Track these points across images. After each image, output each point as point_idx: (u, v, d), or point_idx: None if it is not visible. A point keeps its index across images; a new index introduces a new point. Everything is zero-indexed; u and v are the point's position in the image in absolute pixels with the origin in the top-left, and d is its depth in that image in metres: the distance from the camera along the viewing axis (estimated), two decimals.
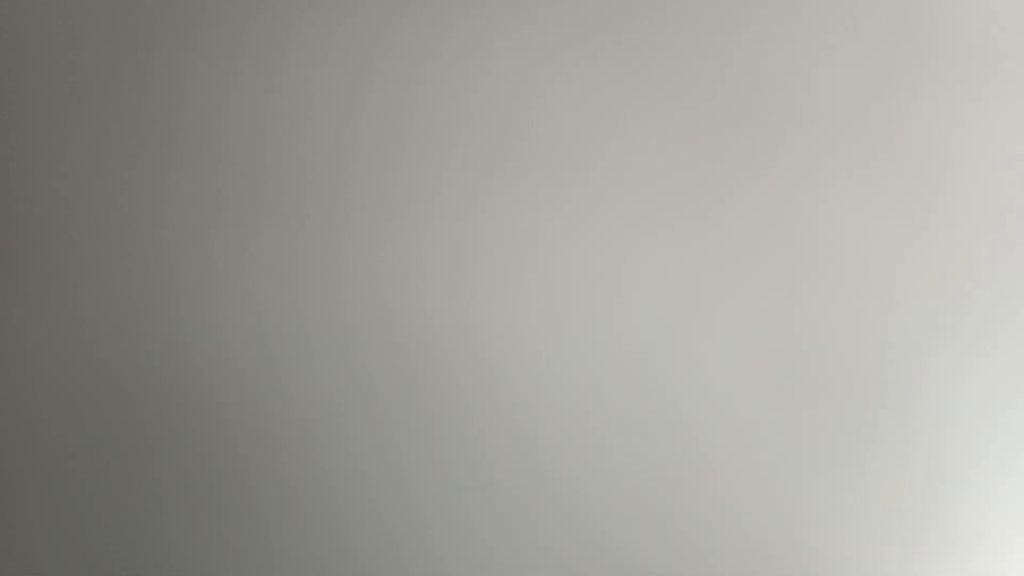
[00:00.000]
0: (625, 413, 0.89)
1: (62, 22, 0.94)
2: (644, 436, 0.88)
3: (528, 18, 0.89)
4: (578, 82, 0.88)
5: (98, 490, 0.94)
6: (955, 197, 0.86)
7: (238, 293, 0.92)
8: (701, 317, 0.88)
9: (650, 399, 0.88)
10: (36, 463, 0.95)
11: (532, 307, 0.89)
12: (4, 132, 0.95)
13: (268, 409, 0.92)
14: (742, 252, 0.87)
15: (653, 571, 0.89)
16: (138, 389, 0.93)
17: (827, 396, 0.87)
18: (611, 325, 0.88)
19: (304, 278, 0.91)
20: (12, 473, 0.95)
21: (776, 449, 0.87)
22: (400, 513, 0.91)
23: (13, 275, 0.95)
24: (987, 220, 0.86)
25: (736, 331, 0.88)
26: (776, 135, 0.87)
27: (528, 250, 0.89)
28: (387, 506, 0.91)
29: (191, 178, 0.92)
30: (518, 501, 0.90)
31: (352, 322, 0.91)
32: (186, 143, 0.93)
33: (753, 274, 0.87)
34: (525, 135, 0.89)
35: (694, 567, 0.88)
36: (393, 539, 0.91)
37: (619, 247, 0.88)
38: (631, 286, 0.89)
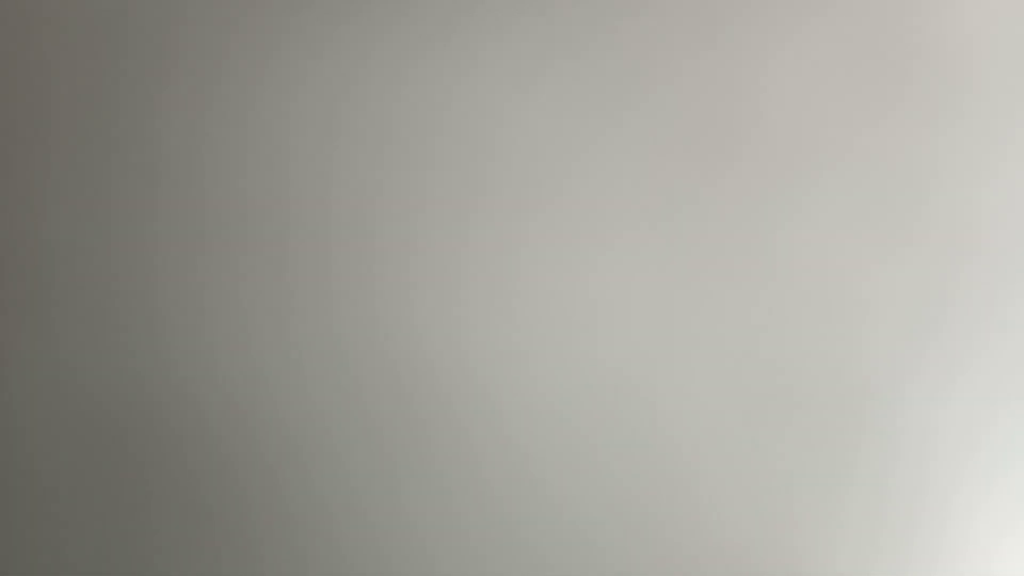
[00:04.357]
0: (610, 427, 0.89)
1: (39, 52, 0.94)
2: (630, 450, 0.89)
3: (497, 37, 0.89)
4: (553, 100, 0.89)
5: (91, 518, 0.94)
6: (935, 214, 0.86)
7: (227, 313, 0.92)
8: (682, 335, 0.88)
9: (635, 414, 0.88)
10: (26, 494, 0.95)
11: (518, 321, 0.90)
12: None
13: (261, 429, 0.92)
14: (721, 270, 0.87)
15: None
16: (128, 415, 0.93)
17: (809, 415, 0.87)
18: (596, 341, 0.89)
19: (293, 297, 0.92)
20: (2, 505, 0.95)
21: (760, 468, 0.88)
22: (393, 528, 0.91)
23: None
24: (967, 237, 0.86)
25: (716, 348, 0.88)
26: (754, 151, 0.87)
27: (513, 267, 0.89)
28: (380, 522, 0.91)
29: (177, 201, 0.93)
30: (508, 514, 0.90)
31: (342, 339, 0.91)
32: (172, 167, 0.93)
33: (732, 291, 0.87)
34: (504, 154, 0.90)
35: None
36: (386, 555, 0.92)
37: (602, 265, 0.89)
38: (614, 303, 0.89)
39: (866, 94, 0.86)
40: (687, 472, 0.88)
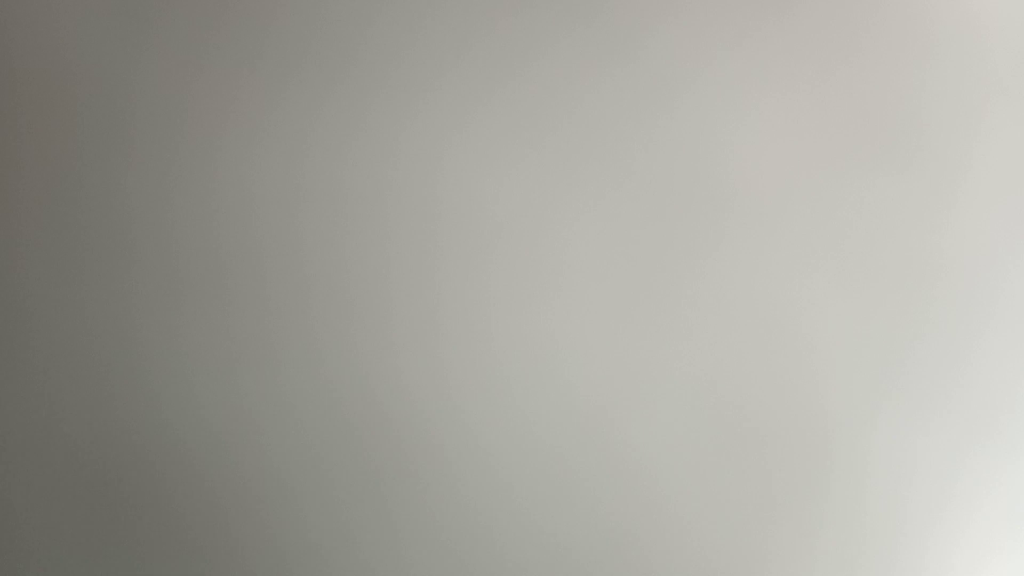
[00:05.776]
0: (585, 460, 0.89)
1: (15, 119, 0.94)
2: (604, 483, 0.89)
3: (472, 109, 0.90)
4: (527, 169, 0.90)
5: (76, 568, 0.94)
6: (895, 252, 0.87)
7: (212, 358, 0.92)
8: (648, 383, 0.89)
9: (607, 450, 0.89)
10: (10, 546, 0.94)
11: (495, 364, 0.90)
12: None
13: (250, 473, 0.92)
14: (684, 312, 0.88)
15: None
16: (115, 463, 0.93)
17: (776, 453, 0.88)
18: (568, 386, 0.89)
19: (278, 341, 0.92)
20: None
21: (731, 511, 0.88)
22: (387, 567, 0.91)
23: None
24: (930, 279, 0.87)
25: (680, 391, 0.88)
26: (717, 195, 0.88)
27: (490, 314, 0.90)
28: (372, 560, 0.91)
29: (164, 249, 0.93)
30: (492, 537, 0.90)
31: (327, 381, 0.91)
32: (150, 216, 0.93)
33: (694, 333, 0.88)
34: (482, 211, 0.90)
35: None
36: None
37: (574, 313, 0.89)
38: (584, 348, 0.89)
39: (822, 140, 0.88)
40: (659, 520, 0.89)
